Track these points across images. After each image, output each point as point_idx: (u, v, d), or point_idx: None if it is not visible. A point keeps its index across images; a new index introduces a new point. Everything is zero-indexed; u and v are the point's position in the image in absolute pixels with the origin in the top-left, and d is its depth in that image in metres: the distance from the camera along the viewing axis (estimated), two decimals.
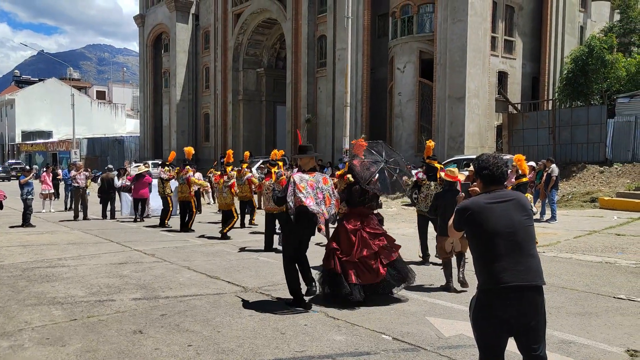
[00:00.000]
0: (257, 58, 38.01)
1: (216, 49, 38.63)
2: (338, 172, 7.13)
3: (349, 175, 6.61)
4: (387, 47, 25.76)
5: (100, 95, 72.03)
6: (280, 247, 9.64)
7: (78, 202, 15.73)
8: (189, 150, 13.37)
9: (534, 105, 24.68)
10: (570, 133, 20.41)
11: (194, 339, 4.94)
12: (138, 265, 8.56)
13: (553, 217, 13.39)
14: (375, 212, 6.71)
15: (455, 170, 7.57)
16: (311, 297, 6.35)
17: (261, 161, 24.64)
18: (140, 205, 15.28)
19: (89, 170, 17.35)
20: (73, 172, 16.43)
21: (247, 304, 6.14)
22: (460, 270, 6.88)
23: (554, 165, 13.95)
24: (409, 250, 9.64)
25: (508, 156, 16.50)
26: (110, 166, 17.83)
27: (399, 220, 15.02)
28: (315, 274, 6.51)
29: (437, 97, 22.79)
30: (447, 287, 6.80)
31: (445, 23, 22.22)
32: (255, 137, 38.06)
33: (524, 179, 8.23)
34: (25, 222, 13.72)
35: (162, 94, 44.67)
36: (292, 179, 6.00)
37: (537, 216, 13.61)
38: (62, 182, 18.99)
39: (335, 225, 6.63)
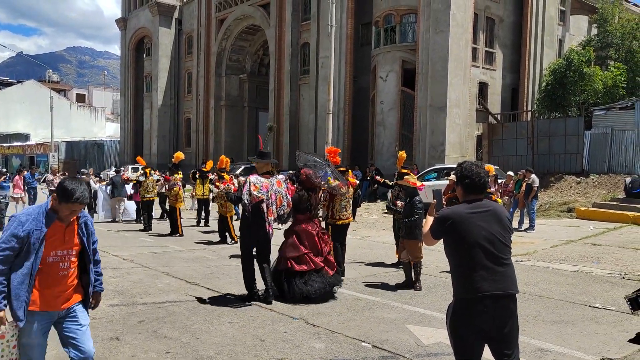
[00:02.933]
0: (240, 64, 37.94)
1: (199, 54, 38.46)
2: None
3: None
4: (369, 55, 25.94)
5: (80, 98, 71.09)
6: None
7: None
8: (180, 155, 13.57)
9: (513, 116, 25.05)
10: (549, 144, 20.76)
11: (172, 346, 4.89)
12: (116, 270, 8.44)
13: (531, 227, 13.58)
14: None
15: (412, 178, 7.72)
16: (270, 290, 6.54)
17: (243, 167, 24.53)
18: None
19: (66, 174, 17.26)
20: (50, 176, 16.34)
21: (226, 311, 6.10)
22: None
23: (534, 176, 14.16)
24: (390, 258, 9.68)
25: (495, 167, 16.73)
26: (85, 170, 17.87)
27: (379, 227, 15.09)
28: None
29: (418, 106, 22.98)
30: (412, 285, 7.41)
31: (427, 33, 22.46)
32: (237, 143, 37.93)
33: None
34: None
35: (143, 98, 44.27)
36: (249, 180, 6.56)
37: (516, 225, 13.80)
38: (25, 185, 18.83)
39: (287, 227, 7.09)
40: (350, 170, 10.27)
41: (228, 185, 11.71)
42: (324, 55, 26.72)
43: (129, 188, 16.74)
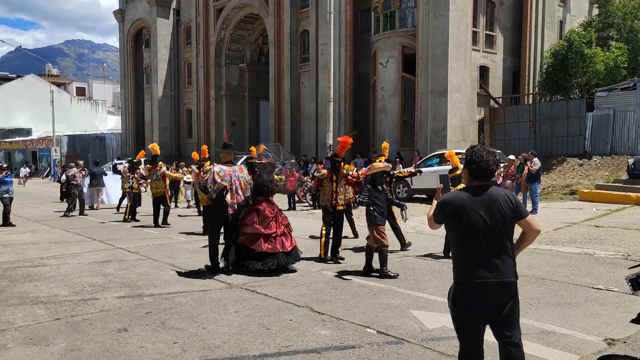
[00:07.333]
0: (240, 53, 37.77)
1: (198, 44, 38.28)
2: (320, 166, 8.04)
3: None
4: (369, 42, 25.80)
5: (80, 92, 70.93)
6: None
7: (75, 199, 16.26)
8: (154, 146, 14.03)
9: (514, 99, 24.94)
10: (551, 126, 20.70)
11: (179, 336, 4.95)
12: (122, 263, 8.51)
13: (534, 210, 13.59)
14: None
15: (378, 164, 7.84)
16: (230, 266, 7.48)
17: (244, 157, 24.52)
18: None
19: (86, 170, 17.64)
20: (74, 170, 16.78)
21: (232, 301, 6.16)
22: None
23: (536, 159, 14.11)
24: (392, 245, 9.71)
25: (498, 151, 16.72)
26: (72, 164, 19.13)
27: None
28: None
29: (419, 91, 22.91)
30: (368, 269, 7.42)
31: (427, 18, 22.32)
32: (239, 133, 37.87)
33: (457, 172, 8.15)
34: (5, 221, 13.53)
35: (143, 90, 44.17)
36: (212, 169, 7.49)
37: None
38: None
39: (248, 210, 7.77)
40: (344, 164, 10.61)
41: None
42: (323, 43, 26.59)
43: (106, 179, 18.23)
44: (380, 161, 8.43)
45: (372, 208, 7.23)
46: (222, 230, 7.77)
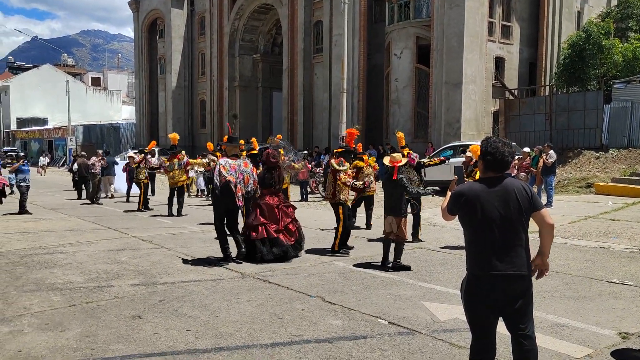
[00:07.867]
0: (253, 44, 37.73)
1: (212, 34, 38.31)
2: (334, 160, 8.23)
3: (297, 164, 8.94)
4: (383, 32, 25.61)
5: (95, 82, 71.54)
6: None
7: (96, 187, 16.87)
8: (175, 136, 14.06)
9: (531, 91, 24.64)
10: (567, 119, 20.45)
11: (192, 324, 4.99)
12: (136, 251, 8.60)
13: (549, 203, 13.46)
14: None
15: (396, 155, 7.75)
16: (242, 256, 7.67)
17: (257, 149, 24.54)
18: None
19: (105, 159, 17.89)
20: (94, 159, 17.25)
21: (244, 290, 6.19)
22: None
23: (551, 151, 13.97)
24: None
25: (513, 143, 16.57)
26: (84, 153, 19.56)
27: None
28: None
29: (433, 83, 22.73)
30: (383, 263, 7.31)
31: (442, 8, 22.08)
32: (252, 124, 37.94)
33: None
34: (22, 209, 13.72)
35: (157, 80, 44.35)
36: (218, 162, 7.67)
37: None
38: None
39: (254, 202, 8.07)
40: (365, 156, 10.83)
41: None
42: (337, 33, 26.45)
43: (117, 168, 18.51)
44: (404, 154, 8.42)
45: (406, 198, 7.26)
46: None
